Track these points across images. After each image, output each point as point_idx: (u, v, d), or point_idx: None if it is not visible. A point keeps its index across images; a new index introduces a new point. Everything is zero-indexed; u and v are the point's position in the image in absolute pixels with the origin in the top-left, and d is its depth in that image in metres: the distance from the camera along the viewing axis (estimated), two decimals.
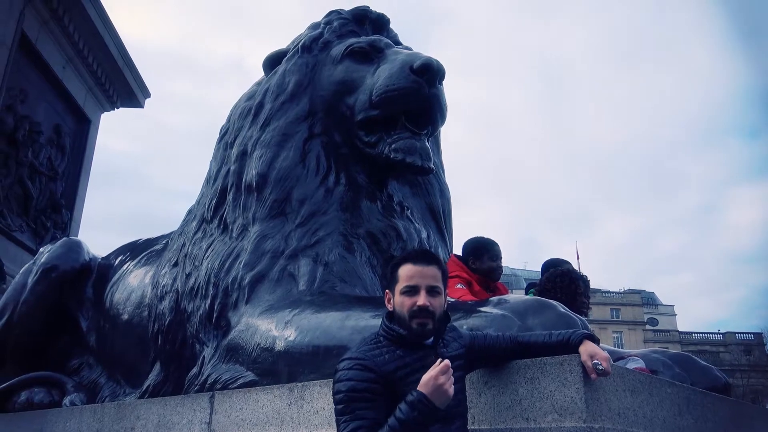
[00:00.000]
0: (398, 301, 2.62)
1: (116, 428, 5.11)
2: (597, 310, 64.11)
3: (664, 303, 73.89)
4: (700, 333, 67.00)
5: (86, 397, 6.33)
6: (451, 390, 2.32)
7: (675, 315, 71.11)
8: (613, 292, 68.64)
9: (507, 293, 4.67)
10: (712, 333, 67.51)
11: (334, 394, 2.47)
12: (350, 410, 2.37)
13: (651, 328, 66.38)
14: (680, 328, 68.02)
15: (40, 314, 6.89)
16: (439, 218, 5.78)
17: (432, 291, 2.59)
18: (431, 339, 2.58)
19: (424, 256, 2.69)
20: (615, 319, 65.34)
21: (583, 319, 3.32)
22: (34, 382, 6.68)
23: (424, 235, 5.43)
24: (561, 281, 4.29)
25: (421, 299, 2.56)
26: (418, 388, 2.30)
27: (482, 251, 4.84)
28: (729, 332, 65.74)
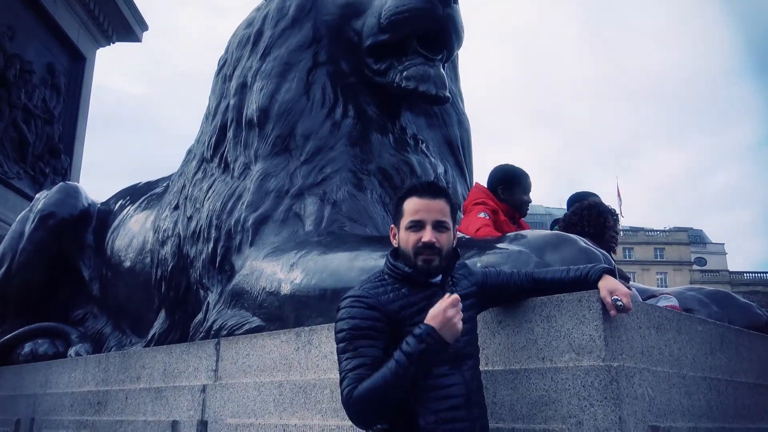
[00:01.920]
0: (403, 237, 2.62)
1: (121, 378, 5.29)
2: (640, 250, 64.01)
3: (713, 242, 73.35)
4: (752, 273, 66.54)
5: (91, 347, 6.55)
6: (460, 325, 2.35)
7: (725, 254, 70.68)
8: (657, 231, 68.25)
9: (527, 227, 4.65)
10: (765, 272, 67.06)
11: (336, 332, 2.52)
12: (353, 348, 2.42)
13: (698, 268, 66.10)
14: (731, 268, 67.70)
15: (40, 263, 7.07)
16: (458, 151, 5.75)
17: (439, 226, 2.59)
18: (438, 277, 2.60)
19: (430, 189, 2.67)
20: (659, 259, 65.18)
21: (607, 254, 3.30)
22: (37, 333, 6.91)
23: (440, 170, 5.41)
24: (588, 214, 4.25)
25: (427, 235, 2.56)
26: (426, 321, 2.34)
27: (514, 181, 4.68)
28: None
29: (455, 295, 2.39)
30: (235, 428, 4.08)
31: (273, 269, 4.43)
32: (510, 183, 4.66)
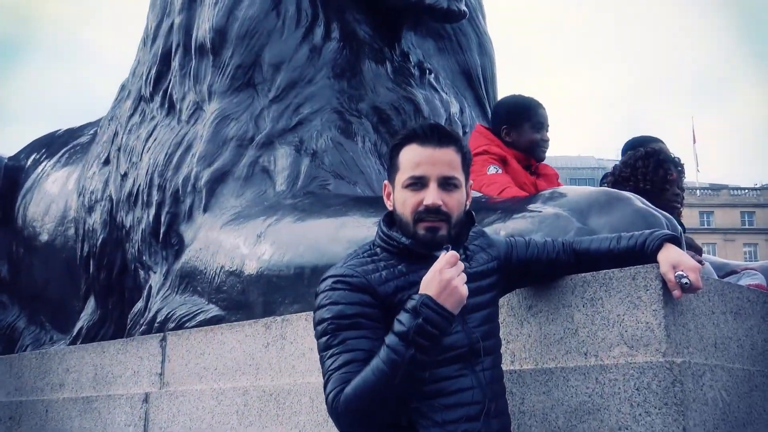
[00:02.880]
0: (399, 198, 2.61)
1: (40, 385, 5.35)
2: (722, 215, 64.08)
3: None
4: None
5: (1, 346, 6.59)
6: (464, 289, 2.35)
7: None
8: (744, 189, 68.33)
9: (557, 181, 4.63)
10: None
11: (316, 324, 2.52)
12: (338, 341, 2.42)
13: None
14: None
15: None
16: (478, 84, 5.73)
17: (447, 183, 2.57)
18: (445, 250, 2.60)
19: (435, 133, 2.64)
20: (747, 226, 65.32)
21: (671, 217, 3.31)
22: None
23: (455, 109, 5.40)
24: (643, 165, 4.24)
25: (431, 196, 2.54)
26: (421, 290, 2.36)
27: (520, 116, 4.54)
28: None
29: (451, 252, 2.39)
30: None
31: (234, 242, 4.44)
32: (515, 119, 4.55)
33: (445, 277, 2.33)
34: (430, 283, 2.34)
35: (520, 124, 4.51)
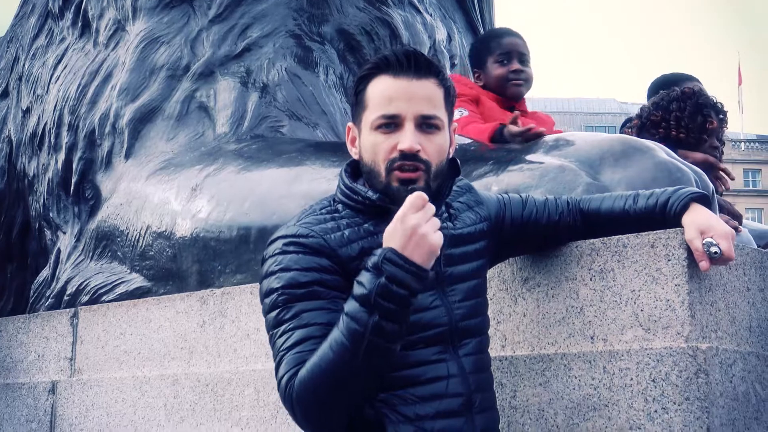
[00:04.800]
0: (367, 143, 2.60)
1: None
2: None
3: None
4: None
5: None
6: (436, 237, 2.33)
7: None
8: None
9: (549, 123, 4.64)
10: None
11: (264, 296, 2.51)
12: (291, 315, 2.41)
13: None
14: None
15: None
16: (470, 5, 5.74)
17: (426, 124, 2.55)
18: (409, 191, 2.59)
19: (411, 62, 2.62)
20: None
21: (702, 173, 3.33)
22: None
23: (440, 35, 5.40)
24: (679, 108, 4.23)
25: (407, 138, 2.52)
26: (384, 244, 2.35)
27: (483, 53, 4.71)
28: None
29: (416, 193, 2.38)
30: None
31: (163, 196, 4.44)
32: (479, 58, 4.67)
33: (409, 224, 2.30)
34: (393, 234, 2.31)
35: (484, 62, 4.59)
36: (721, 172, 4.14)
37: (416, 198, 2.33)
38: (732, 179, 4.37)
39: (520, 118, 4.00)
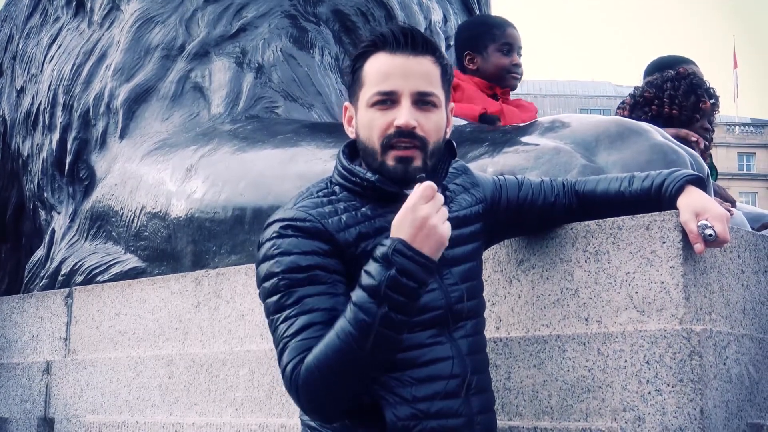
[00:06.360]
0: (364, 120, 2.59)
1: None
2: (765, 157, 64.43)
3: None
4: None
5: None
6: (446, 228, 2.35)
7: None
8: None
9: (532, 110, 4.65)
10: None
11: (263, 280, 2.51)
12: (293, 300, 2.41)
13: None
14: None
15: None
16: None
17: (423, 101, 2.56)
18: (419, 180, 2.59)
19: (408, 39, 2.62)
20: None
21: (697, 155, 3.34)
22: None
23: (436, 16, 5.40)
24: (673, 87, 4.24)
25: (403, 114, 2.53)
26: (392, 234, 2.36)
27: (484, 38, 4.67)
28: None
29: (427, 183, 2.37)
30: (98, 429, 4.16)
31: (158, 176, 4.44)
32: (478, 42, 4.64)
33: (419, 215, 2.30)
34: (402, 224, 2.32)
35: (484, 47, 4.57)
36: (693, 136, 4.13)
37: (426, 188, 2.33)
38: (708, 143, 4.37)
39: (503, 104, 4.03)
